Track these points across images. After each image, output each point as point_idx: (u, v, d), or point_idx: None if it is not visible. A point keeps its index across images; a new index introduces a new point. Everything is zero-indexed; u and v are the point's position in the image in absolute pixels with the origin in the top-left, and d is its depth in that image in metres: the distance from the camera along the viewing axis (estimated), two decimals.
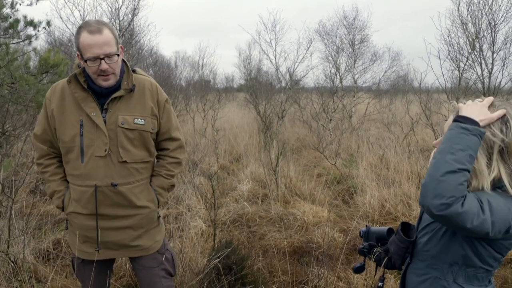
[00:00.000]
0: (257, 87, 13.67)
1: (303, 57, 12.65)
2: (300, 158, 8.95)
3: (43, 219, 4.90)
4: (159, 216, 2.42)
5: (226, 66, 73.93)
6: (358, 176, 6.85)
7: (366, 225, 1.94)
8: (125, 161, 2.15)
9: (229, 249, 3.42)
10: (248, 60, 15.96)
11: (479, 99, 1.50)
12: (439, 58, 7.53)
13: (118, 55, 2.08)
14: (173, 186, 2.42)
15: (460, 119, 1.40)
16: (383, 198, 5.69)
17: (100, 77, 2.07)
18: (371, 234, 1.89)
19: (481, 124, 1.39)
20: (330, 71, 13.46)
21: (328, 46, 13.71)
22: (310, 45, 12.59)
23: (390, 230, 1.86)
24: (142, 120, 2.19)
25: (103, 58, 2.01)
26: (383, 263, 1.78)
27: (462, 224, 1.31)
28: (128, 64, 2.22)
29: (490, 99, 1.47)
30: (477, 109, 1.42)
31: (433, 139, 7.52)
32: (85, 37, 1.99)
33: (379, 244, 1.85)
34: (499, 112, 1.42)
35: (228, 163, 8.94)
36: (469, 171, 1.34)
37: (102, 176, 2.12)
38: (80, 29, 2.03)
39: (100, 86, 2.11)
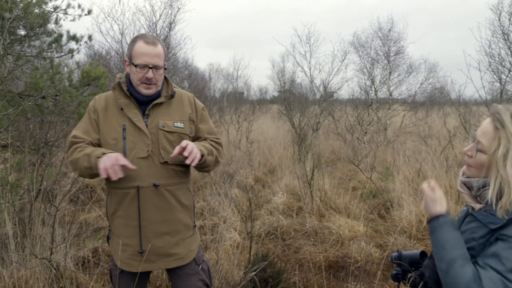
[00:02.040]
0: (291, 99, 13.66)
1: (338, 69, 12.55)
2: (335, 171, 8.85)
3: (82, 228, 5.02)
4: (195, 226, 2.46)
5: (259, 77, 74.35)
6: (394, 190, 6.72)
7: (398, 250, 1.91)
8: (166, 162, 2.21)
9: (266, 262, 3.41)
10: (282, 72, 16.01)
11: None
12: (479, 70, 7.29)
13: (165, 68, 2.23)
14: (211, 154, 2.29)
15: (428, 221, 1.59)
16: (420, 213, 5.55)
17: (142, 85, 2.20)
18: (404, 259, 1.86)
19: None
20: (365, 83, 13.29)
21: (363, 58, 13.56)
22: (345, 57, 12.48)
23: (423, 253, 1.83)
24: (182, 124, 2.29)
25: (151, 68, 2.16)
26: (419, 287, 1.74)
27: None
28: (168, 78, 2.37)
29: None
30: (430, 201, 1.58)
31: None
32: (141, 45, 2.16)
33: (413, 268, 1.82)
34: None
35: (262, 175, 8.94)
36: (459, 253, 1.44)
37: (144, 176, 2.18)
38: (136, 38, 2.20)
39: (141, 94, 2.23)
